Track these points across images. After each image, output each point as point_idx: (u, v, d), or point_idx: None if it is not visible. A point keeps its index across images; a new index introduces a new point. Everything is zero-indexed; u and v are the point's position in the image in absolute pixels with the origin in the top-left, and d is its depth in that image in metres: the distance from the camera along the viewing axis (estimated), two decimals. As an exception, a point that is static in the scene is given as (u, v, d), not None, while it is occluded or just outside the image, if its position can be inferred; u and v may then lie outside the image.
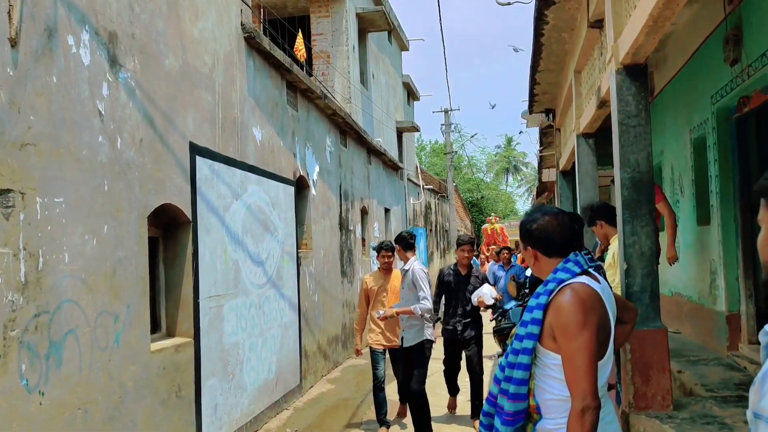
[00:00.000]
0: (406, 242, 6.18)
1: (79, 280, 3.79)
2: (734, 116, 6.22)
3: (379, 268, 6.66)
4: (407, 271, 5.99)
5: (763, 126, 6.06)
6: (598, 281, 2.29)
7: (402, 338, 6.13)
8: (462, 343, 6.62)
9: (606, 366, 2.25)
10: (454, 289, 6.64)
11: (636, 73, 4.73)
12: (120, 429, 4.14)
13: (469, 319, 6.57)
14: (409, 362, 6.13)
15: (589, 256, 2.49)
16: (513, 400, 2.25)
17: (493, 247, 18.07)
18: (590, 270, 2.31)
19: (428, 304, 5.89)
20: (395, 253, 6.53)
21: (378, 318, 6.06)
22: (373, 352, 6.45)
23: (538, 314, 2.24)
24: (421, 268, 6.04)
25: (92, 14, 4.04)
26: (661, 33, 4.21)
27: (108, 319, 4.08)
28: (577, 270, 2.27)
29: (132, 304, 4.35)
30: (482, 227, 24.34)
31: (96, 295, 3.96)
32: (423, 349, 6.06)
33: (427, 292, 5.91)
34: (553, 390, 2.22)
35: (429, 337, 6.13)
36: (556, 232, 2.36)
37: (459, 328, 6.55)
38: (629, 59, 4.65)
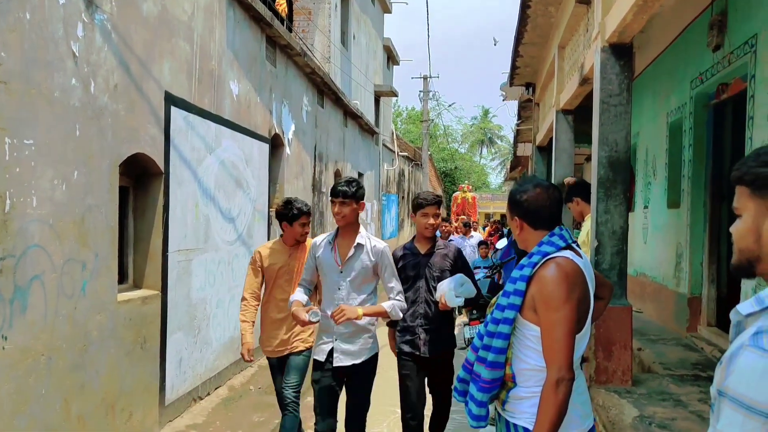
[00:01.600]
0: (358, 192, 3.81)
1: (47, 225, 3.70)
2: (712, 102, 6.28)
3: (281, 237, 4.65)
4: (362, 246, 3.81)
5: (740, 114, 6.16)
6: (581, 256, 2.31)
7: (331, 352, 3.79)
8: (426, 364, 4.19)
9: (582, 340, 2.29)
10: (412, 277, 4.22)
11: (621, 52, 4.73)
12: (83, 377, 4.10)
13: (434, 326, 4.16)
14: (334, 392, 3.84)
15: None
16: (491, 368, 2.28)
17: (462, 217, 16.40)
18: (573, 245, 2.32)
19: (404, 302, 3.90)
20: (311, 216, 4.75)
21: (315, 319, 3.67)
22: (273, 365, 4.65)
23: (521, 285, 2.25)
24: (386, 246, 3.97)
25: (70, -50, 3.86)
26: (650, 13, 4.20)
27: (75, 266, 4.00)
28: (562, 244, 2.29)
29: (100, 253, 4.27)
30: (453, 195, 23.58)
31: (64, 242, 3.87)
32: (370, 370, 3.89)
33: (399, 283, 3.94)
34: (530, 360, 2.25)
35: (376, 351, 3.94)
36: (545, 205, 2.36)
37: (422, 337, 4.15)
38: (615, 38, 4.65)
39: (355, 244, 3.78)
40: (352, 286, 3.76)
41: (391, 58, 23.07)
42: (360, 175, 15.17)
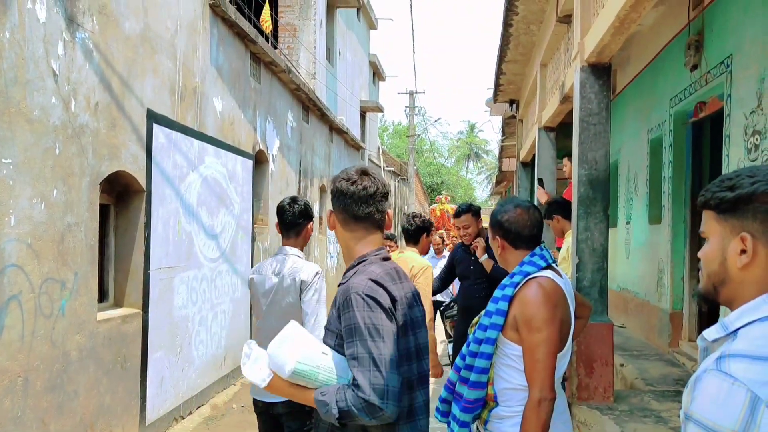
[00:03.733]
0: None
1: (24, 244, 3.67)
2: (691, 120, 6.37)
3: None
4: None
5: (718, 131, 6.24)
6: (561, 276, 2.34)
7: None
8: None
9: (564, 359, 2.31)
10: None
11: (600, 71, 4.79)
12: (61, 398, 4.05)
13: None
14: None
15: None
16: (473, 387, 2.29)
17: (441, 232, 14.62)
18: (553, 264, 2.36)
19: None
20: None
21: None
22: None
23: (503, 305, 2.28)
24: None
25: (51, -31, 3.87)
26: (627, 34, 4.27)
27: (54, 286, 3.97)
28: (543, 264, 2.32)
29: (80, 272, 4.24)
30: (430, 207, 20.71)
31: (42, 261, 3.84)
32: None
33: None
34: (511, 379, 2.27)
35: None
36: (525, 226, 2.40)
37: None
38: (594, 58, 4.71)
39: None
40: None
41: (377, 73, 23.20)
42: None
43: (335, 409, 1.77)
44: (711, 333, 1.28)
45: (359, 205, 1.98)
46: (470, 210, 4.78)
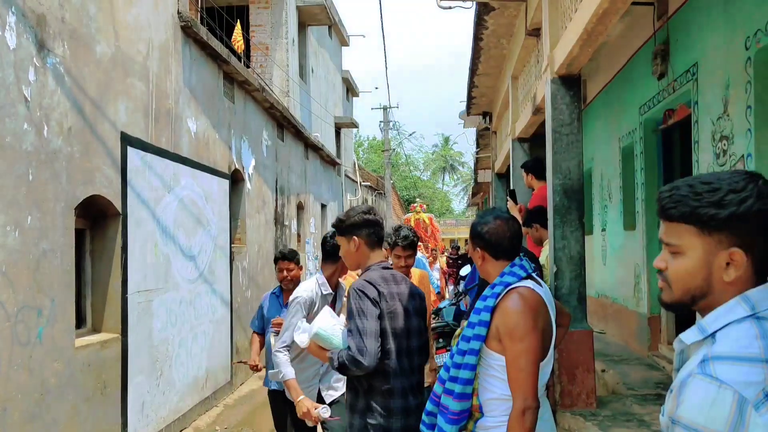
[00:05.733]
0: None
1: (-1, 273, 3.62)
2: (660, 127, 6.49)
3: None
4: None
5: (687, 138, 6.38)
6: (541, 285, 2.38)
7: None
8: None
9: (546, 367, 2.33)
10: None
11: (570, 83, 4.87)
12: (40, 427, 3.98)
13: None
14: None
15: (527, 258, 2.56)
16: (459, 399, 2.30)
17: (419, 245, 14.09)
18: (533, 274, 2.38)
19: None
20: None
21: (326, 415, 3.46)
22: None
23: (485, 316, 2.30)
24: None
25: (20, -5, 3.85)
26: (595, 45, 4.35)
27: (30, 313, 3.91)
28: (523, 274, 2.35)
29: (56, 299, 4.19)
30: (405, 217, 17.71)
31: (18, 289, 3.79)
32: None
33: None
34: (496, 390, 2.28)
35: None
36: (505, 237, 2.43)
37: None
38: (564, 69, 4.79)
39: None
40: None
41: (350, 89, 23.29)
42: (323, 206, 15.17)
43: (336, 362, 2.71)
44: (689, 336, 1.30)
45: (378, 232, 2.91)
46: None
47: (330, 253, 3.62)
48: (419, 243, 15.12)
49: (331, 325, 2.82)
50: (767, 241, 1.24)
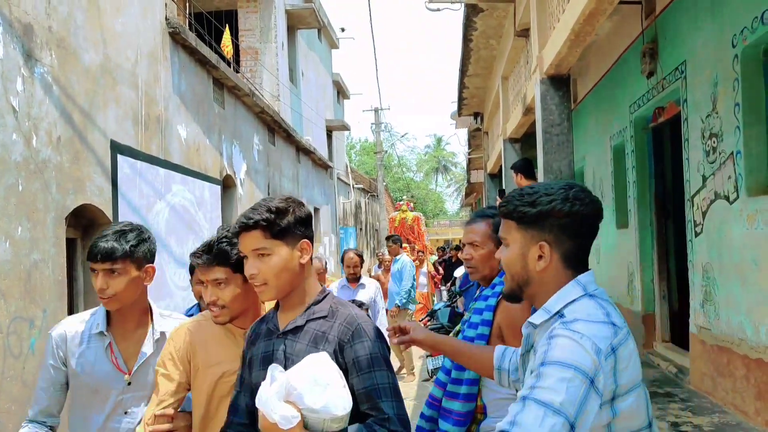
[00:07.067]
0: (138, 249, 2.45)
1: (-11, 285, 3.60)
2: (650, 125, 6.51)
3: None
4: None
5: (677, 135, 6.41)
6: None
7: None
8: None
9: None
10: None
11: (559, 83, 4.89)
12: (33, 440, 3.95)
13: None
14: None
15: None
16: (465, 400, 2.29)
17: (405, 245, 11.98)
18: None
19: None
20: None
21: None
22: None
23: (488, 315, 2.30)
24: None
25: (5, 5, 3.83)
26: (583, 45, 4.37)
27: (22, 324, 3.88)
28: None
29: (48, 309, 4.16)
30: (390, 217, 16.75)
31: (9, 300, 3.76)
32: None
33: None
34: (501, 389, 2.27)
35: None
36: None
37: None
38: (553, 70, 4.80)
39: (145, 339, 2.35)
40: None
41: (341, 92, 23.28)
42: (316, 209, 15.16)
43: None
44: (536, 318, 1.50)
45: None
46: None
47: None
48: (405, 245, 14.35)
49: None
50: (574, 239, 1.48)
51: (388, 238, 8.97)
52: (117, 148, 5.21)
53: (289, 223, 1.85)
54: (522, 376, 1.64)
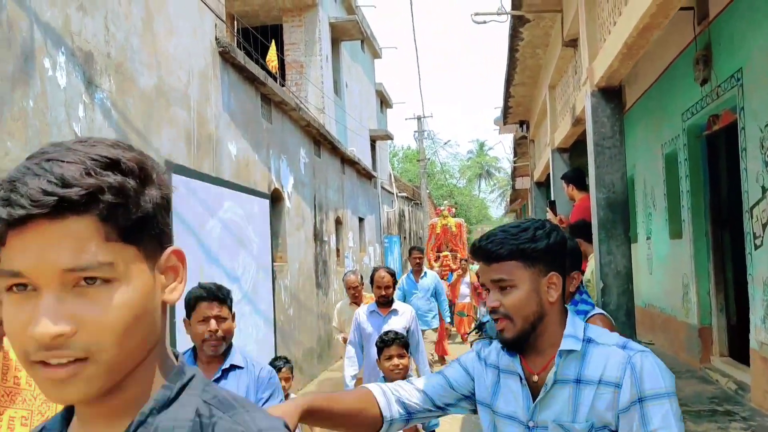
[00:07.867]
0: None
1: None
2: (704, 134, 6.36)
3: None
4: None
5: (733, 144, 6.24)
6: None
7: None
8: None
9: None
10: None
11: (611, 95, 4.81)
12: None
13: None
14: None
15: None
16: None
17: (446, 254, 13.67)
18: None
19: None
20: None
21: None
22: None
23: None
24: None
25: (68, 35, 3.97)
26: (636, 58, 4.29)
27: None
28: (593, 302, 2.55)
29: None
30: (430, 223, 15.89)
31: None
32: None
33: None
34: None
35: None
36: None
37: None
38: (604, 82, 4.73)
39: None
40: None
41: (384, 102, 23.36)
42: (361, 220, 15.23)
43: None
44: (571, 344, 1.49)
45: None
46: None
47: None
48: (447, 253, 14.25)
49: None
50: (566, 268, 1.58)
51: (412, 249, 8.63)
52: (171, 168, 5.33)
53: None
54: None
